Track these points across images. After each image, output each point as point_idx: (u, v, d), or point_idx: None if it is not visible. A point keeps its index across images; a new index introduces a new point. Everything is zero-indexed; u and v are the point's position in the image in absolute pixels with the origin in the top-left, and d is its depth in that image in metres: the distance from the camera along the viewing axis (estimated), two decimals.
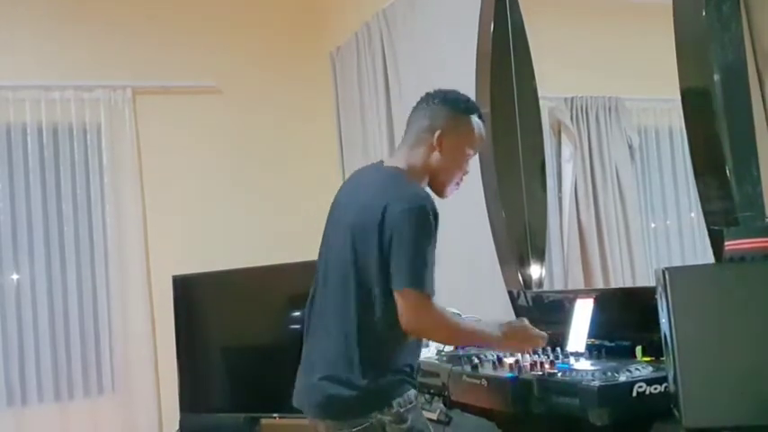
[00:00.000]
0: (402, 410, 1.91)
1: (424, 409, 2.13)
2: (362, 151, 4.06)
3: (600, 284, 2.66)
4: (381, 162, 2.19)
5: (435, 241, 1.94)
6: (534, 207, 2.78)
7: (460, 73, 2.90)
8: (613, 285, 2.64)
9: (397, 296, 1.90)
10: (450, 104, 2.08)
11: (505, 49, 2.78)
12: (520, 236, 2.77)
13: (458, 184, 2.14)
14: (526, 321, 2.13)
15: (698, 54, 1.89)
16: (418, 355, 2.08)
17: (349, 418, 1.93)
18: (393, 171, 2.06)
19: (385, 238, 1.90)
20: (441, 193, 2.13)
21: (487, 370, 2.16)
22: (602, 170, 2.67)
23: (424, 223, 1.90)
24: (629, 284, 2.61)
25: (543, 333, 2.11)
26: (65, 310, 4.07)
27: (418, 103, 2.13)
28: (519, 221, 2.78)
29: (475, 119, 2.10)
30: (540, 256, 2.76)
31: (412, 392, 1.96)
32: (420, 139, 2.08)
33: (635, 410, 1.75)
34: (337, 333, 1.98)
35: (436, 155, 2.06)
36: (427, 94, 2.13)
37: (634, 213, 2.62)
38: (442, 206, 2.15)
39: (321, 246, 2.18)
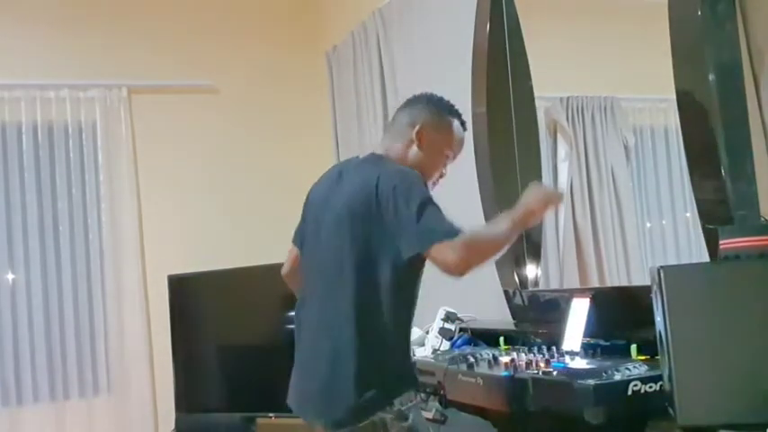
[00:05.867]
0: (403, 408, 1.91)
1: (420, 408, 2.13)
2: (359, 150, 4.04)
3: (595, 283, 2.66)
4: (357, 157, 2.17)
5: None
6: None
7: (456, 72, 2.90)
8: (609, 284, 2.64)
9: (432, 255, 1.82)
10: (433, 104, 2.11)
11: (501, 49, 2.78)
12: None
13: (434, 183, 2.12)
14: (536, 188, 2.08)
15: (693, 54, 1.89)
16: (411, 354, 2.08)
17: (352, 420, 1.92)
18: (375, 157, 2.07)
19: (385, 214, 1.87)
20: None
21: (483, 369, 2.16)
22: (597, 170, 2.67)
23: (418, 183, 1.89)
24: (624, 283, 2.62)
25: (558, 192, 2.16)
26: (60, 310, 4.07)
27: (401, 106, 2.16)
28: None
29: (456, 122, 2.12)
30: (536, 255, 2.76)
31: (412, 392, 1.96)
32: (400, 134, 2.09)
33: (630, 409, 1.75)
34: (336, 336, 1.95)
35: (414, 149, 2.07)
36: (412, 96, 2.15)
37: (629, 213, 2.62)
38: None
39: (302, 246, 2.18)
